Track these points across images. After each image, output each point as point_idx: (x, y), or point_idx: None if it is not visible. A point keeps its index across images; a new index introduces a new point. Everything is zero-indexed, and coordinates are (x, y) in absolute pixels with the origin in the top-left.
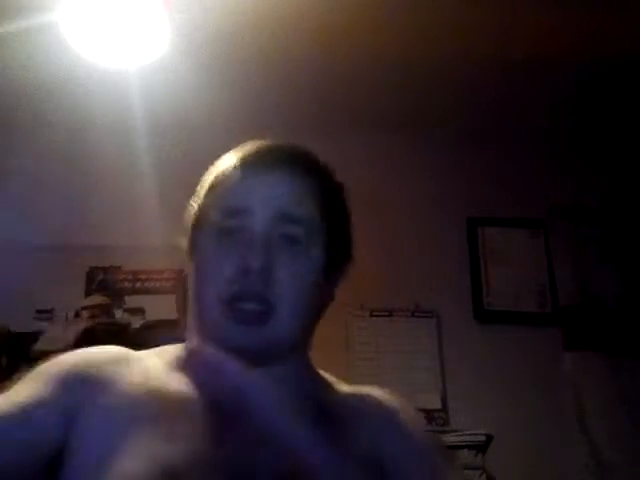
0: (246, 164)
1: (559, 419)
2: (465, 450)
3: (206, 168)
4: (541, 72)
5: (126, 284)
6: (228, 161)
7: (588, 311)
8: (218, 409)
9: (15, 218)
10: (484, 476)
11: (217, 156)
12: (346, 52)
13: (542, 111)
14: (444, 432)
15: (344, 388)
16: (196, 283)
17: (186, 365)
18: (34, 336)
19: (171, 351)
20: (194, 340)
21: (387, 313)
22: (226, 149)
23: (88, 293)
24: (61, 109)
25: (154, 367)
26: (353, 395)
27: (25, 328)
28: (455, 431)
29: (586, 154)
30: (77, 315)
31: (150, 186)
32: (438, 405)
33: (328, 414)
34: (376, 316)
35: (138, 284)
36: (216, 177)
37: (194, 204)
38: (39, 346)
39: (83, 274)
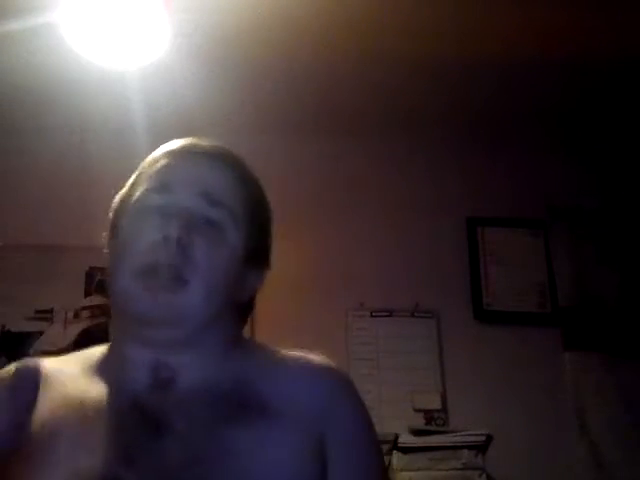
0: (173, 151)
1: (559, 419)
2: (465, 450)
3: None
4: (541, 72)
5: None
6: (161, 148)
7: (588, 311)
8: (139, 413)
9: (15, 218)
10: (484, 476)
11: None
12: (346, 52)
13: (542, 111)
14: (444, 432)
15: (283, 362)
16: (112, 262)
17: (107, 366)
18: (34, 336)
19: (94, 353)
20: (113, 334)
21: (387, 313)
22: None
23: (88, 293)
24: (61, 109)
25: (71, 376)
26: (290, 370)
27: (25, 328)
28: (455, 431)
29: (586, 154)
30: (77, 315)
31: None
32: (438, 405)
33: (255, 403)
34: (376, 316)
35: None
36: (142, 166)
37: (120, 193)
38: (39, 346)
39: (83, 274)
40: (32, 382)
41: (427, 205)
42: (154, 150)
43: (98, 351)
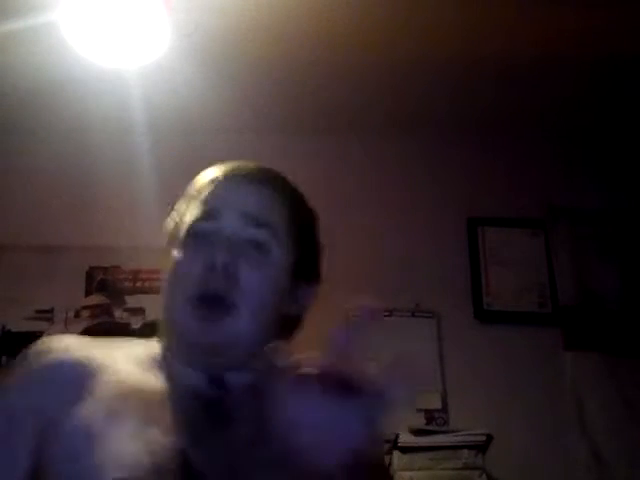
0: (221, 176)
1: (559, 419)
2: (465, 450)
3: (206, 168)
4: (541, 72)
5: (126, 284)
6: (206, 174)
7: (588, 311)
8: (200, 403)
9: (15, 218)
10: (484, 476)
11: (217, 156)
12: (346, 52)
13: (542, 111)
14: (444, 432)
15: None
16: (167, 285)
17: (160, 365)
18: (34, 336)
19: (140, 349)
20: (164, 347)
21: (387, 313)
22: (226, 149)
23: (88, 293)
24: (61, 109)
25: (123, 365)
26: None
27: (25, 328)
28: (455, 431)
29: (586, 154)
30: (77, 315)
31: (150, 186)
32: (438, 405)
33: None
34: None
35: (138, 284)
36: (193, 189)
37: (173, 214)
38: None
39: (83, 274)
40: (77, 367)
41: (427, 205)
42: (154, 150)
43: (144, 348)
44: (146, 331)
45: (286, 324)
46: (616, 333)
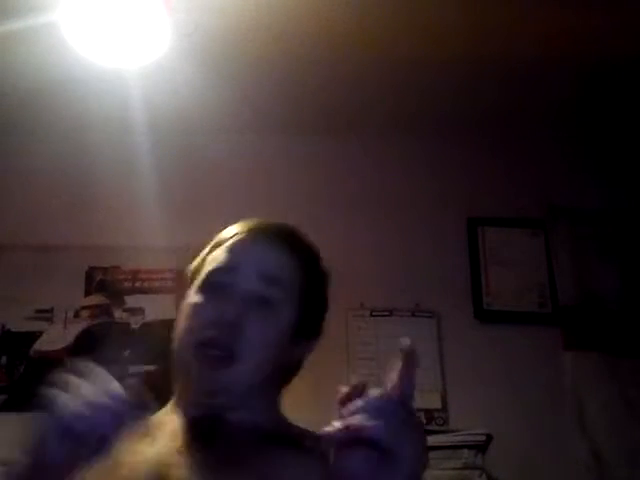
0: (244, 231)
1: (559, 419)
2: (465, 450)
3: (206, 168)
4: (541, 72)
5: (126, 284)
6: (232, 227)
7: (588, 311)
8: (192, 426)
9: (15, 218)
10: (484, 476)
11: (217, 156)
12: (346, 52)
13: (542, 111)
14: (444, 432)
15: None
16: (178, 329)
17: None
18: (34, 336)
19: (169, 421)
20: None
21: (387, 313)
22: (226, 149)
23: (88, 293)
24: (61, 109)
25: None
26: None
27: (25, 328)
28: (455, 431)
29: (586, 154)
30: (76, 315)
31: (150, 186)
32: (438, 405)
33: (292, 440)
34: (376, 316)
35: (138, 284)
36: (216, 242)
37: (194, 262)
38: (39, 346)
39: (83, 274)
40: None
41: (427, 205)
42: (154, 150)
43: (172, 418)
44: (145, 331)
45: (283, 373)
46: (616, 333)
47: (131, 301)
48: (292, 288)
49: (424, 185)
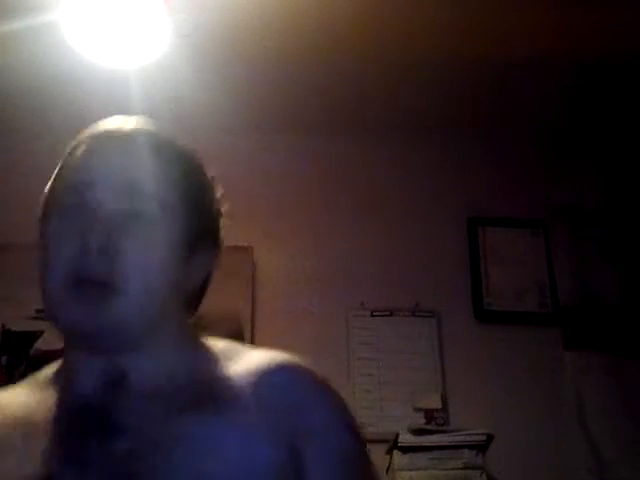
0: (93, 138)
1: (559, 419)
2: (465, 450)
3: (205, 167)
4: (541, 72)
5: None
6: (78, 137)
7: (588, 311)
8: (88, 415)
9: (15, 218)
10: (484, 476)
11: (217, 156)
12: (346, 52)
13: (542, 111)
14: (444, 432)
15: (243, 361)
16: (40, 270)
17: (57, 378)
18: (34, 336)
19: (45, 371)
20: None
21: (387, 313)
22: (226, 149)
23: None
24: (61, 109)
25: (19, 400)
26: (252, 370)
27: (25, 328)
28: (455, 431)
29: (586, 154)
30: None
31: None
32: (438, 405)
33: (209, 396)
34: (376, 316)
35: None
36: (65, 156)
37: (45, 190)
38: (39, 346)
39: None
40: None
41: (427, 205)
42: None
43: (50, 368)
44: None
45: (188, 297)
46: (616, 333)
47: None
48: (167, 196)
49: (424, 185)
